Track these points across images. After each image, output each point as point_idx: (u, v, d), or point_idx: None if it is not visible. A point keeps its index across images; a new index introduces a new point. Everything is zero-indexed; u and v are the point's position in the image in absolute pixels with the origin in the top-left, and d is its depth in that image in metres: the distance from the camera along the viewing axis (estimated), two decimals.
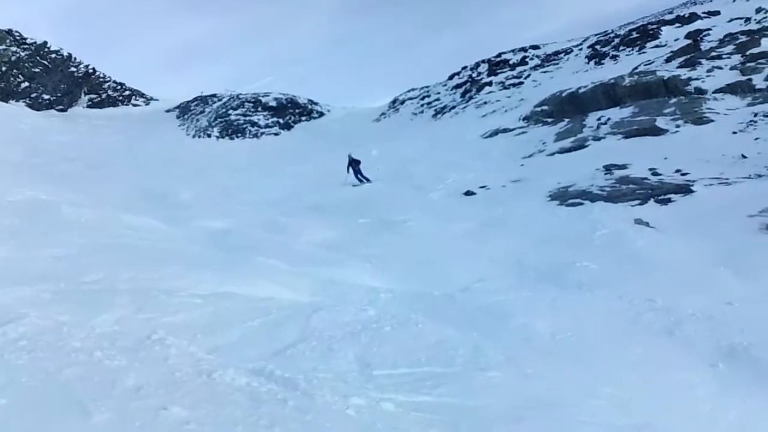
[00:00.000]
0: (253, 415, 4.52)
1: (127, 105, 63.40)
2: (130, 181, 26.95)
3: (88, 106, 59.65)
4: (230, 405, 4.62)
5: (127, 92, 65.14)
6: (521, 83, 45.86)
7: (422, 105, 52.06)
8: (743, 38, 32.25)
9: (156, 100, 67.54)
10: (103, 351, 5.30)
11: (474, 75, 52.70)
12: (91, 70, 62.08)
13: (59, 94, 57.00)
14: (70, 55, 60.82)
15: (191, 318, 7.12)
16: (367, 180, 26.46)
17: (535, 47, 54.05)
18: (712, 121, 22.98)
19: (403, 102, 55.26)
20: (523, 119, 33.47)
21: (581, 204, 17.51)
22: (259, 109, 57.75)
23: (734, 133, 20.95)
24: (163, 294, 7.82)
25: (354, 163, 26.95)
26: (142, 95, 67.14)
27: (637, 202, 16.53)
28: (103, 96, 61.74)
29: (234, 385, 5.11)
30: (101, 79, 63.13)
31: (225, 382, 5.13)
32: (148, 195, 22.25)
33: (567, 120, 29.96)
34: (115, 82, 64.70)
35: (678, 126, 23.33)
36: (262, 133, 53.62)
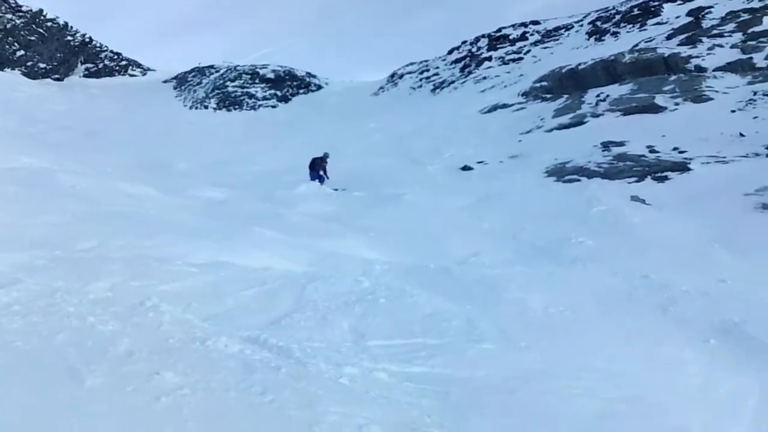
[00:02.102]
0: (246, 381, 4.54)
1: (123, 75, 62.93)
2: (127, 150, 26.92)
3: (85, 76, 59.20)
4: (223, 371, 4.64)
5: (124, 62, 64.61)
6: (521, 59, 45.55)
7: (421, 79, 51.76)
8: (745, 16, 31.93)
9: (153, 70, 67.06)
10: (96, 316, 5.29)
11: (473, 50, 52.32)
12: (87, 39, 61.48)
13: (55, 63, 56.54)
14: (66, 24, 60.19)
15: (186, 286, 7.12)
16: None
17: (536, 22, 53.56)
18: (712, 99, 22.86)
19: (401, 76, 54.92)
20: (522, 95, 33.33)
21: (578, 180, 17.51)
22: (257, 81, 57.41)
23: (733, 111, 20.85)
24: (158, 262, 7.81)
25: (317, 164, 21.75)
26: (139, 65, 66.63)
27: (634, 179, 16.53)
28: (100, 66, 61.26)
29: (227, 353, 5.12)
30: (98, 49, 62.58)
31: (218, 349, 5.14)
32: (144, 164, 22.23)
33: (566, 96, 29.83)
34: (111, 51, 64.14)
35: (677, 104, 23.23)
36: (260, 106, 53.34)
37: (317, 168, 21.45)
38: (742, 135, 18.00)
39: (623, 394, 6.03)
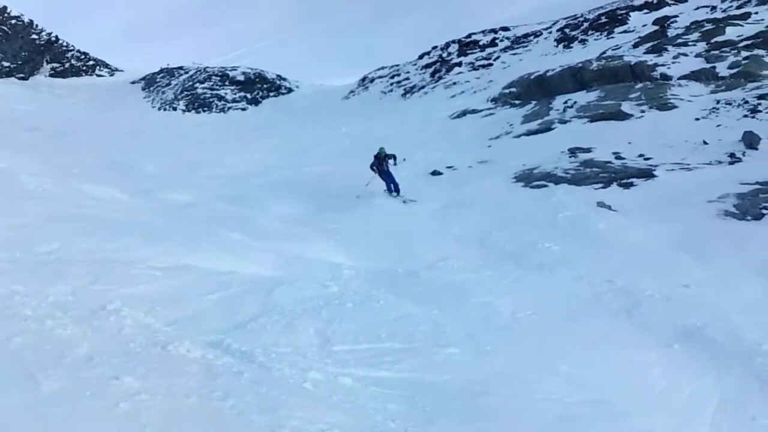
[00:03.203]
0: (207, 387, 4.48)
1: (91, 75, 62.02)
2: (94, 152, 26.51)
3: (51, 75, 58.25)
4: (184, 376, 4.58)
5: (92, 62, 63.70)
6: (490, 65, 45.88)
7: (392, 84, 51.85)
8: (708, 26, 32.56)
9: (121, 71, 66.24)
10: (55, 320, 5.19)
11: (444, 55, 52.62)
12: (53, 38, 60.55)
13: (20, 62, 55.56)
14: (31, 22, 59.20)
15: (149, 290, 7.03)
16: (396, 192, 18.84)
17: (505, 29, 54.07)
18: (676, 107, 23.18)
19: (372, 80, 54.96)
20: (492, 101, 33.52)
21: (545, 186, 17.62)
22: (227, 83, 57.00)
23: (697, 119, 21.17)
24: (122, 265, 7.71)
25: (382, 162, 19.17)
26: (107, 66, 65.76)
27: (600, 185, 16.68)
28: (67, 65, 60.30)
29: (189, 357, 5.06)
30: (64, 48, 61.63)
31: (180, 354, 5.07)
32: (111, 166, 21.91)
33: (534, 102, 30.07)
34: (78, 51, 63.20)
35: (643, 111, 23.51)
36: (229, 108, 52.94)
37: (384, 170, 19.03)
38: (705, 143, 18.30)
39: (587, 397, 6.10)
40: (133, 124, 41.50)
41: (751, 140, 16.91)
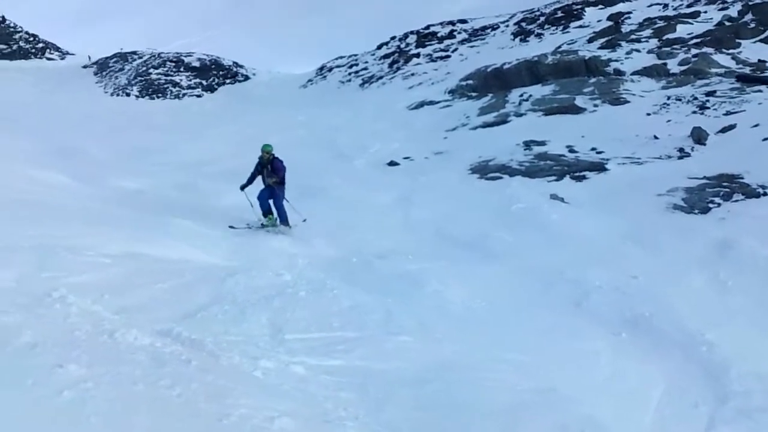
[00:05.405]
0: (154, 374, 4.41)
1: (40, 58, 60.26)
2: (42, 136, 25.80)
3: None
4: (131, 364, 4.49)
5: (41, 45, 61.89)
6: (448, 56, 45.98)
7: (350, 73, 51.59)
8: (661, 23, 33.26)
9: (72, 54, 64.50)
10: None
11: (402, 46, 52.54)
12: (0, 19, 58.67)
13: None
14: None
15: (98, 278, 6.89)
16: (284, 222, 13.02)
17: (463, 21, 54.23)
18: (628, 102, 23.60)
19: (330, 69, 54.59)
20: (449, 92, 33.61)
21: (500, 178, 17.82)
22: (182, 69, 55.93)
23: (648, 114, 21.58)
24: (70, 253, 7.53)
25: (268, 172, 13.12)
26: (58, 49, 63.95)
27: (554, 177, 16.93)
28: (14, 47, 58.46)
29: (136, 345, 4.97)
30: (12, 29, 59.73)
31: (127, 342, 4.97)
32: (60, 152, 21.36)
33: (491, 95, 30.24)
34: (27, 33, 61.34)
35: (596, 105, 23.89)
36: (184, 95, 52.02)
37: (266, 186, 13.23)
38: (656, 137, 18.67)
39: (535, 385, 6.20)
40: (84, 109, 40.47)
41: (699, 136, 17.31)
